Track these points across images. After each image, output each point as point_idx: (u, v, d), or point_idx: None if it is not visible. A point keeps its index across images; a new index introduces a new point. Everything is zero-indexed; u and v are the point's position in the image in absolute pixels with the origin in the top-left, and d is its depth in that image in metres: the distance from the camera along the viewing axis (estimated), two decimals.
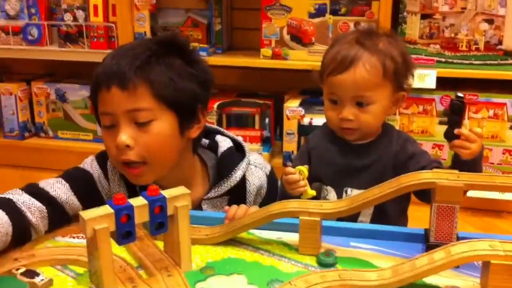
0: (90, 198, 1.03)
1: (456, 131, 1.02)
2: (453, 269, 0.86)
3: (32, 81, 2.38)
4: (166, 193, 0.84)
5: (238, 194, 1.13)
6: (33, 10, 2.21)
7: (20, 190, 0.99)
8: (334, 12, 1.99)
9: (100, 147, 1.11)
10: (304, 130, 1.98)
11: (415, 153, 1.15)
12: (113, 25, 2.14)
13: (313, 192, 1.08)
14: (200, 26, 2.13)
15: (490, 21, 1.94)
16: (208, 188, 1.14)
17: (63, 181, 1.05)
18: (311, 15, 2.01)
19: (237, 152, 1.17)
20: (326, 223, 0.95)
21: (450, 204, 0.86)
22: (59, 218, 1.00)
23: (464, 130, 1.02)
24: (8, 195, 0.97)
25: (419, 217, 1.16)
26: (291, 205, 0.92)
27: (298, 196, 1.07)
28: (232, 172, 1.12)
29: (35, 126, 2.41)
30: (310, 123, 2.00)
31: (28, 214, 0.94)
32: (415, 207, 1.19)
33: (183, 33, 2.10)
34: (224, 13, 2.21)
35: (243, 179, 1.14)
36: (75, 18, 2.17)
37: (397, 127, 2.05)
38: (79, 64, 2.27)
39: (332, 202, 0.92)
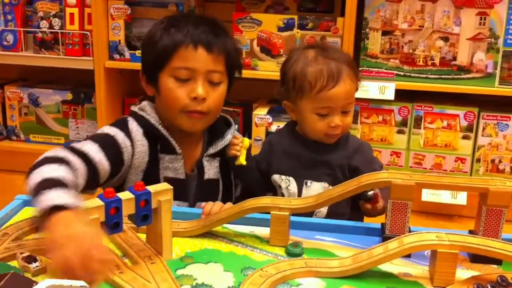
0: (115, 159, 1.13)
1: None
2: (406, 258, 0.97)
3: (5, 85, 2.42)
4: (151, 188, 0.92)
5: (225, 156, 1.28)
6: (9, 17, 2.25)
7: (70, 152, 1.04)
8: (302, 27, 2.11)
9: None
10: None
11: (369, 158, 1.27)
12: (88, 33, 2.20)
13: (243, 161, 1.22)
14: None
15: (445, 39, 2.09)
16: (204, 147, 1.27)
17: (91, 142, 1.11)
18: (280, 29, 2.12)
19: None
20: (294, 218, 1.05)
21: (404, 200, 0.97)
22: (92, 180, 1.07)
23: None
24: (67, 155, 1.02)
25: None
26: (263, 201, 1.02)
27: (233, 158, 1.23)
28: (225, 134, 1.27)
29: (7, 129, 2.44)
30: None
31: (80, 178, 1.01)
32: None
33: None
34: None
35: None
36: (51, 26, 2.23)
37: (358, 135, 2.18)
38: (53, 70, 2.32)
39: (300, 198, 1.03)
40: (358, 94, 2.04)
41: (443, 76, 2.11)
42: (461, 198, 2.06)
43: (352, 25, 2.04)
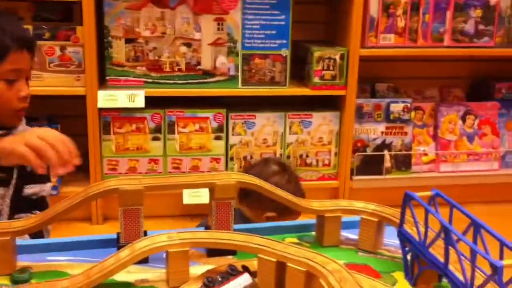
0: None
1: None
2: (143, 264, 0.95)
3: None
4: None
5: None
6: None
7: None
8: (38, 37, 1.98)
9: None
10: None
11: None
12: None
13: None
14: None
15: (188, 45, 2.16)
16: None
17: None
18: None
19: None
20: (21, 241, 0.96)
21: (134, 206, 0.95)
22: None
23: None
24: None
25: None
26: None
27: None
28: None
29: None
30: None
31: None
32: None
33: None
34: None
35: None
36: None
37: (113, 147, 2.12)
38: None
39: (22, 220, 0.94)
40: (105, 104, 2.00)
41: (190, 81, 2.17)
42: None
43: (92, 33, 1.98)
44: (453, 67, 2.71)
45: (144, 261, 0.94)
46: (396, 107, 2.47)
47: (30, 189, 1.33)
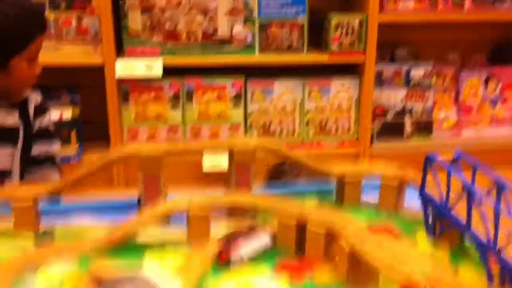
0: None
1: None
2: (164, 226, 0.96)
3: None
4: None
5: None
6: None
7: None
8: (54, 8, 1.98)
9: None
10: None
11: None
12: None
13: None
14: None
15: (204, 13, 2.13)
16: None
17: None
18: None
19: None
20: (44, 205, 0.98)
21: (154, 170, 0.95)
22: None
23: None
24: None
25: None
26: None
27: None
28: None
29: None
30: None
31: None
32: None
33: None
34: None
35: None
36: None
37: (132, 116, 2.14)
38: None
39: (44, 184, 0.95)
40: (123, 74, 2.00)
41: (207, 50, 2.15)
42: None
43: (108, 3, 1.97)
44: (475, 32, 2.65)
45: (165, 222, 0.95)
46: (417, 73, 2.43)
47: (38, 149, 1.37)
